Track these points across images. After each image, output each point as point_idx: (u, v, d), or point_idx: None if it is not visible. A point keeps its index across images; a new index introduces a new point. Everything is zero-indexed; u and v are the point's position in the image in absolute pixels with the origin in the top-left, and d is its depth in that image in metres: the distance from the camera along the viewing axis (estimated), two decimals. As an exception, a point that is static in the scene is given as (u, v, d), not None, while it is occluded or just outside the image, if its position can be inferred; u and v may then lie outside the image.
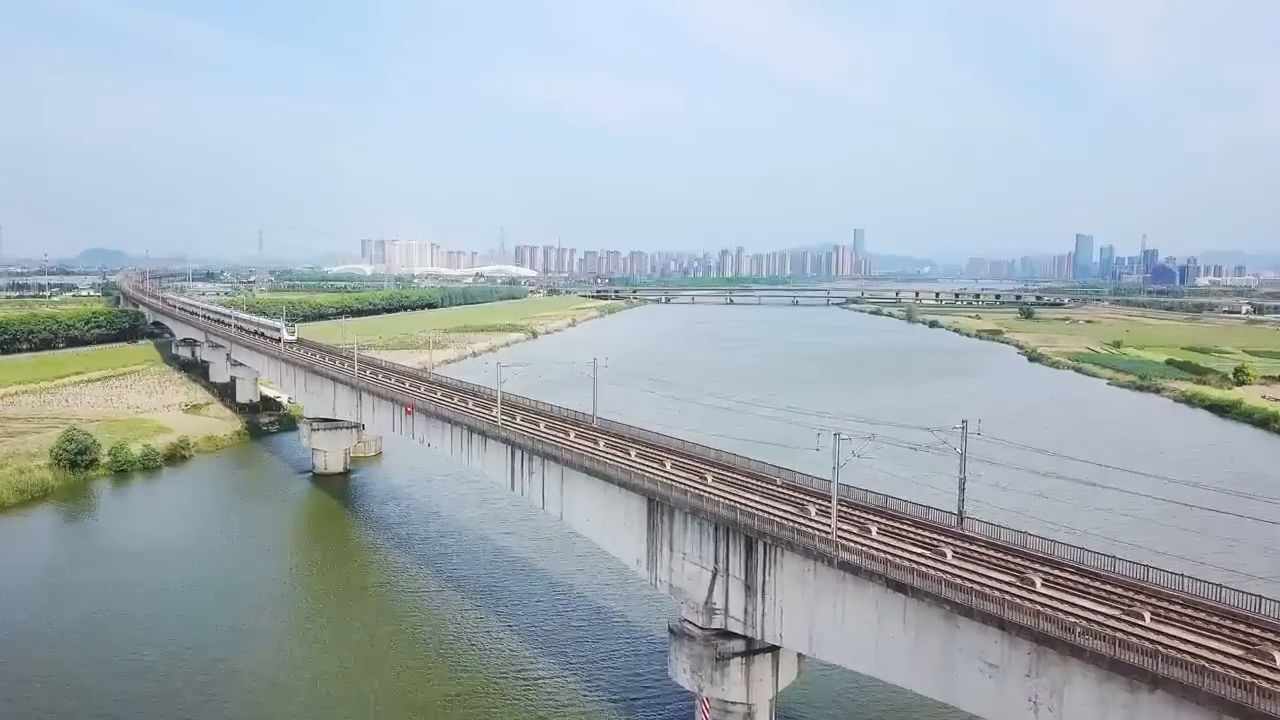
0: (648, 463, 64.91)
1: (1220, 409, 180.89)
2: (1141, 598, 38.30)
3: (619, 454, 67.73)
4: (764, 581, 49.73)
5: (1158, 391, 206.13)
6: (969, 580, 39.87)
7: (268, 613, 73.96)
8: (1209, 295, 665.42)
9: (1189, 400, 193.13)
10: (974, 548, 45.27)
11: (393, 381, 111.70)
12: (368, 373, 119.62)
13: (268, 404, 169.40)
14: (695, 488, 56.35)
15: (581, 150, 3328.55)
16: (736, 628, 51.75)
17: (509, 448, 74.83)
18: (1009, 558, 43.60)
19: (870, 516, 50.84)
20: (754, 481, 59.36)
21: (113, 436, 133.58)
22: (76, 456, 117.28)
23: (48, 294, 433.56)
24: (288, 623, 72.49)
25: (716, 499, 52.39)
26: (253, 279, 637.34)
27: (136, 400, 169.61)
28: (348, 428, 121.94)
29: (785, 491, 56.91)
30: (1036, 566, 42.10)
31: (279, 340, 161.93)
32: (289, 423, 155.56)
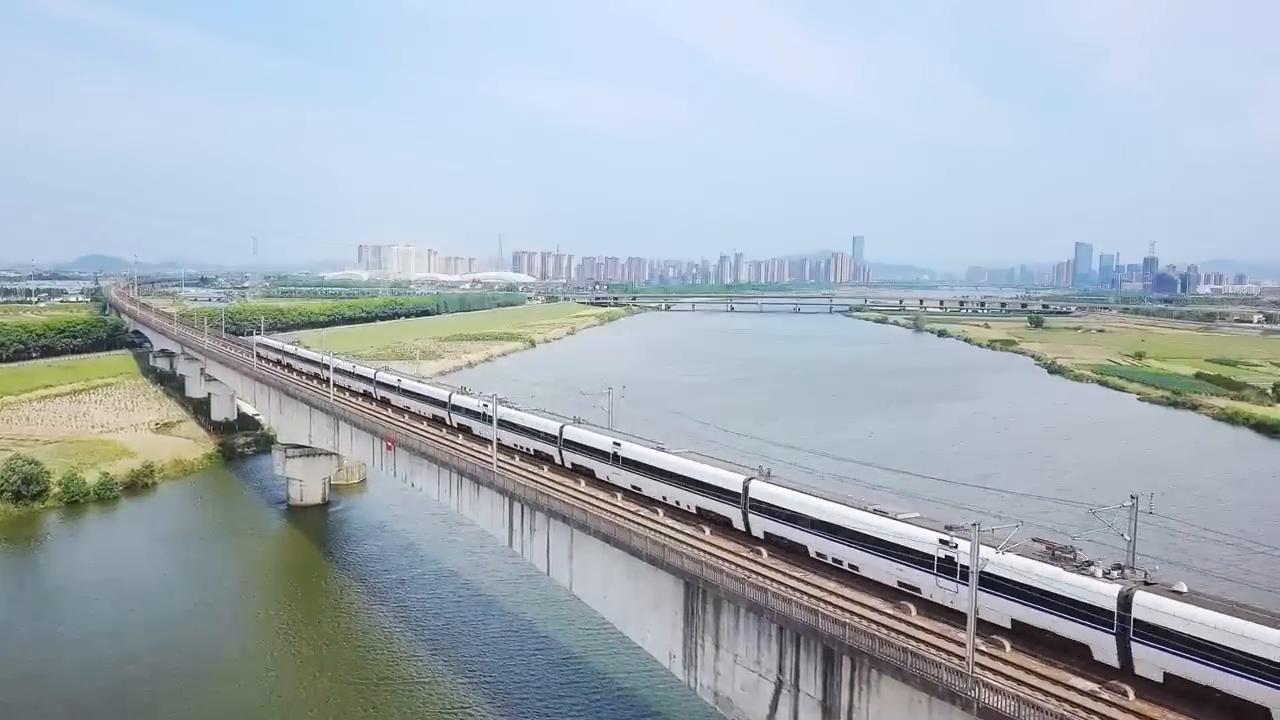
0: (681, 525, 52.19)
1: (1267, 428, 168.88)
2: None
3: (643, 510, 55.08)
4: (850, 706, 37.01)
5: (1194, 408, 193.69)
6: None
7: (217, 701, 60.95)
8: (1215, 304, 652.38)
9: (1230, 418, 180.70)
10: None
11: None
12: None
13: (245, 422, 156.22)
14: (748, 569, 43.65)
15: (580, 157, 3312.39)
16: (809, 762, 39.01)
17: (506, 499, 61.94)
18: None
19: (994, 620, 37.81)
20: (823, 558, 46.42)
21: (69, 461, 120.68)
22: (21, 487, 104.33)
23: (34, 300, 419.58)
24: (241, 713, 59.49)
25: (782, 594, 39.57)
26: (246, 285, 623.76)
27: (104, 418, 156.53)
28: (326, 454, 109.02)
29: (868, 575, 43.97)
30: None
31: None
32: (267, 444, 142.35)
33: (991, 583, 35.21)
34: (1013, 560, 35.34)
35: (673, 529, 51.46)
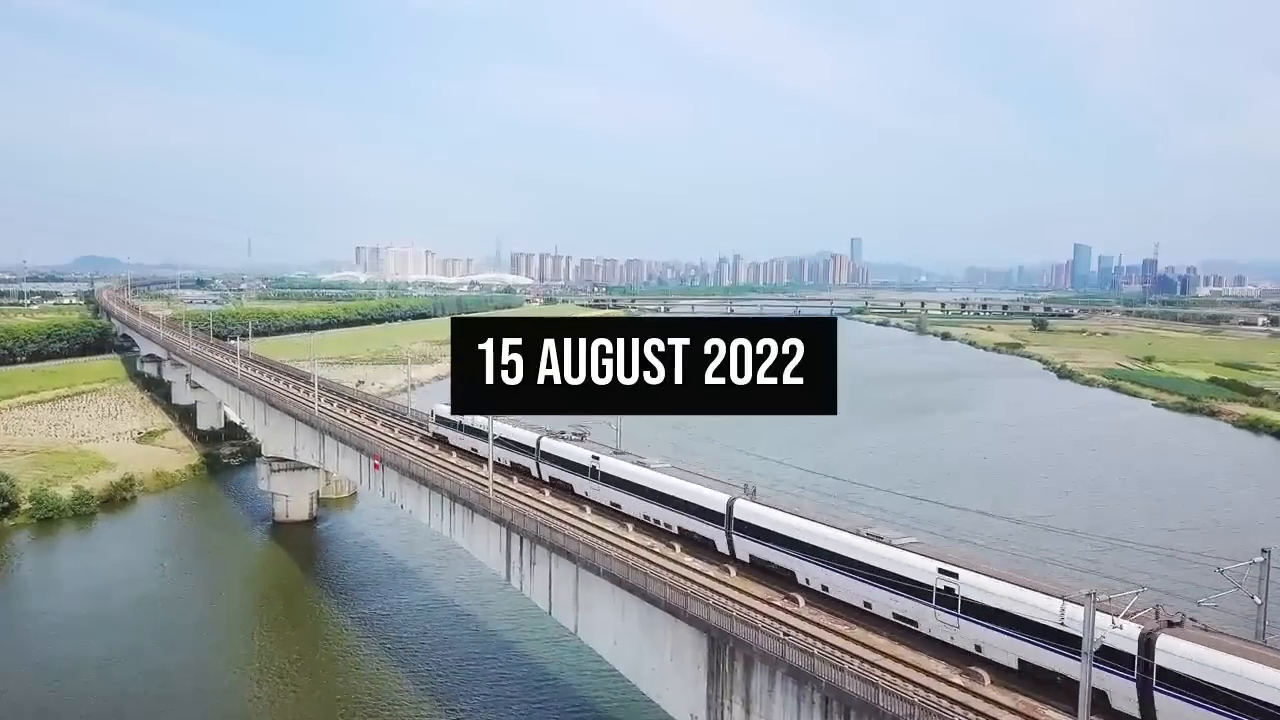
0: (702, 564, 46.26)
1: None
2: None
3: (659, 545, 49.13)
4: (912, 795, 31.07)
5: (1213, 415, 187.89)
6: None
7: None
8: (1218, 306, 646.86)
9: (1252, 425, 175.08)
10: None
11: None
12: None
13: (232, 431, 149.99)
14: (785, 622, 37.72)
15: (579, 157, 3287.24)
16: None
17: (503, 529, 55.90)
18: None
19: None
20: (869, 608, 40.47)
21: (44, 474, 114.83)
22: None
23: (27, 302, 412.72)
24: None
25: (830, 658, 33.61)
26: (243, 286, 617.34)
27: (86, 426, 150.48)
28: (313, 468, 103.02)
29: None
30: None
31: None
32: (254, 455, 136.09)
33: None
34: None
35: (691, 569, 45.52)
